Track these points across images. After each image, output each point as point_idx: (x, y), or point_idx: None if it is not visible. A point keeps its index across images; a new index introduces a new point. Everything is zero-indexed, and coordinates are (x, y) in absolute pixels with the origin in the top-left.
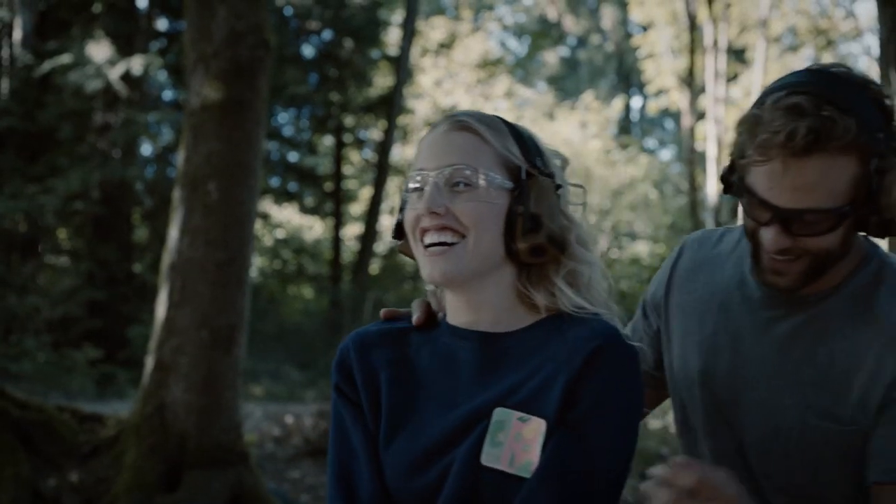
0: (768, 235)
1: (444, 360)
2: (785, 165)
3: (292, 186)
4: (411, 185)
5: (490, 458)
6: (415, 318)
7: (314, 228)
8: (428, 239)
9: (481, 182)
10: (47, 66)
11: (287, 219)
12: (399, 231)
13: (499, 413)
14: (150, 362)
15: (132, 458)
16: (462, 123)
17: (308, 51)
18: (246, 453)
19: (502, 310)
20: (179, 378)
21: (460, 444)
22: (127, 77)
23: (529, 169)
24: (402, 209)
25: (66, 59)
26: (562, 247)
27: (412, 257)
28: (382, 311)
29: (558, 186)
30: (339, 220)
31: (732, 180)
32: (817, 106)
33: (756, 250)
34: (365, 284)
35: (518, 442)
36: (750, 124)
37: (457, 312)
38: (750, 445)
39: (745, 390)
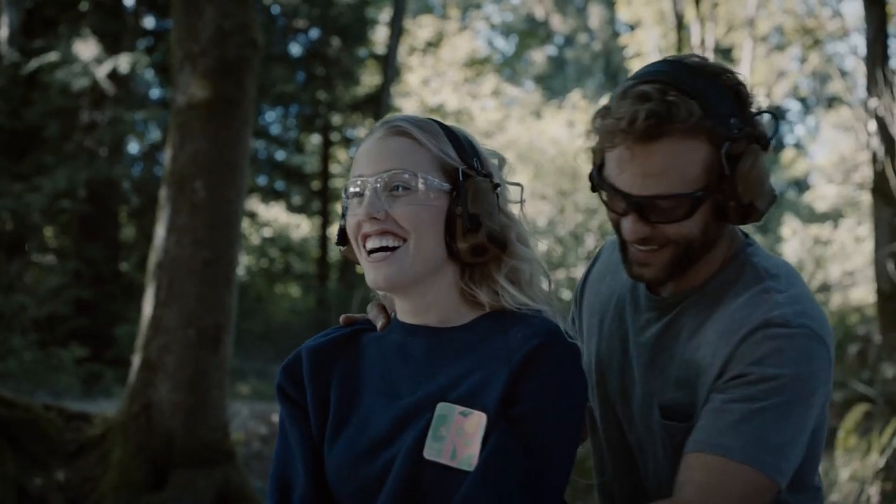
0: (627, 225)
1: (392, 356)
2: (631, 152)
3: (279, 185)
4: (351, 191)
5: (432, 451)
6: (379, 325)
7: (301, 227)
8: (370, 244)
9: (419, 185)
10: (34, 64)
11: (274, 217)
12: (343, 237)
13: (441, 408)
14: (136, 361)
15: (118, 457)
16: (397, 128)
17: (295, 49)
18: (233, 452)
19: (448, 309)
20: (166, 377)
21: (402, 436)
22: (114, 75)
23: (466, 170)
24: (343, 215)
25: (52, 57)
26: (502, 245)
27: (356, 262)
28: (342, 318)
29: (496, 185)
30: (326, 218)
31: (593, 175)
32: (662, 92)
33: (623, 244)
34: (352, 283)
35: (460, 436)
36: (600, 114)
37: (405, 313)
38: (635, 446)
39: (629, 392)
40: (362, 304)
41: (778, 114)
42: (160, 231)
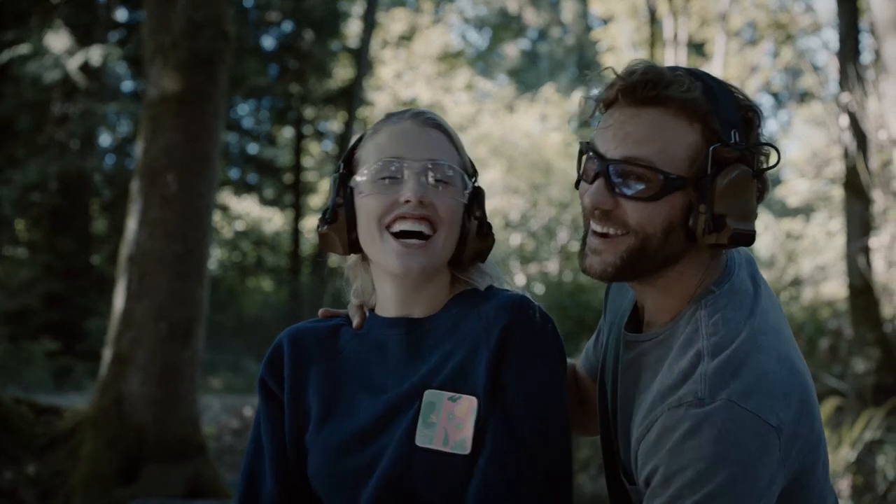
0: (589, 194)
1: (374, 350)
2: (621, 113)
3: (252, 178)
4: (380, 173)
5: (424, 438)
6: (355, 323)
7: (273, 220)
8: (401, 226)
9: (457, 181)
10: (5, 56)
11: (246, 211)
12: (335, 215)
13: (429, 395)
14: (107, 355)
15: (89, 451)
16: (434, 121)
17: (268, 42)
18: (204, 446)
19: (437, 301)
20: (137, 370)
21: (391, 427)
22: (86, 68)
23: (473, 175)
24: (339, 193)
25: (24, 49)
26: (492, 246)
27: (332, 244)
28: (320, 311)
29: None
30: (298, 212)
31: (579, 165)
32: (673, 69)
33: (584, 236)
34: (324, 277)
35: (451, 421)
36: (591, 95)
37: (388, 305)
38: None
39: (606, 424)
40: (335, 297)
41: (778, 152)
42: (131, 224)
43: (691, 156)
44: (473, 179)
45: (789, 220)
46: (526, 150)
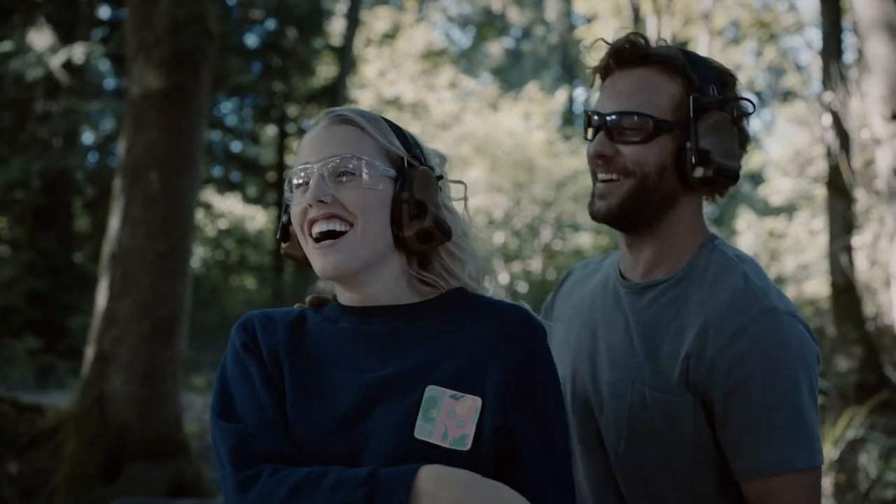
0: (592, 145)
1: (350, 334)
2: (613, 79)
3: (235, 176)
4: (295, 181)
5: (423, 432)
6: (308, 300)
7: (257, 218)
8: (317, 229)
9: (365, 171)
10: None
11: (229, 209)
12: (285, 234)
13: (431, 391)
14: (89, 353)
15: (72, 450)
16: (342, 117)
17: (251, 40)
18: (186, 444)
19: (396, 291)
20: (119, 369)
21: (377, 412)
22: (68, 65)
23: (410, 159)
24: (286, 210)
25: (6, 46)
26: (448, 232)
27: (298, 260)
28: (308, 298)
29: (439, 178)
30: (281, 210)
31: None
32: (655, 40)
33: (594, 184)
34: (307, 275)
35: (451, 418)
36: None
37: (350, 297)
38: (606, 433)
39: (599, 378)
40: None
41: (753, 105)
42: (114, 222)
43: (674, 104)
44: (406, 162)
45: (772, 219)
46: (509, 149)
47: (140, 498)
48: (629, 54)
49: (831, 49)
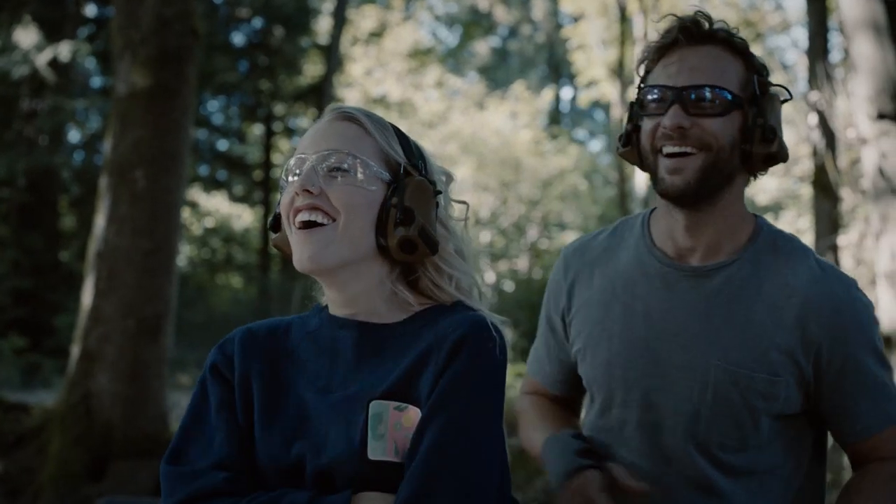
0: (668, 117)
1: (324, 349)
2: (680, 54)
3: (221, 175)
4: (289, 168)
5: (376, 451)
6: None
7: (243, 217)
8: (299, 218)
9: (358, 169)
10: None
11: (216, 207)
12: (276, 223)
13: (375, 406)
14: (75, 351)
15: (57, 448)
16: (346, 114)
17: (238, 39)
18: None
19: (377, 303)
20: (105, 367)
21: (334, 428)
22: (54, 63)
23: (408, 167)
24: (280, 202)
25: None
26: (433, 244)
27: (284, 252)
28: None
29: (437, 192)
30: (268, 208)
31: (632, 115)
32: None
33: (655, 165)
34: (294, 273)
35: (398, 431)
36: (652, 42)
37: (335, 304)
38: (675, 415)
39: (663, 359)
40: (304, 294)
41: (789, 93)
42: (100, 221)
43: (742, 81)
44: (403, 169)
45: None
46: (496, 148)
47: (126, 496)
48: (698, 31)
49: (817, 48)
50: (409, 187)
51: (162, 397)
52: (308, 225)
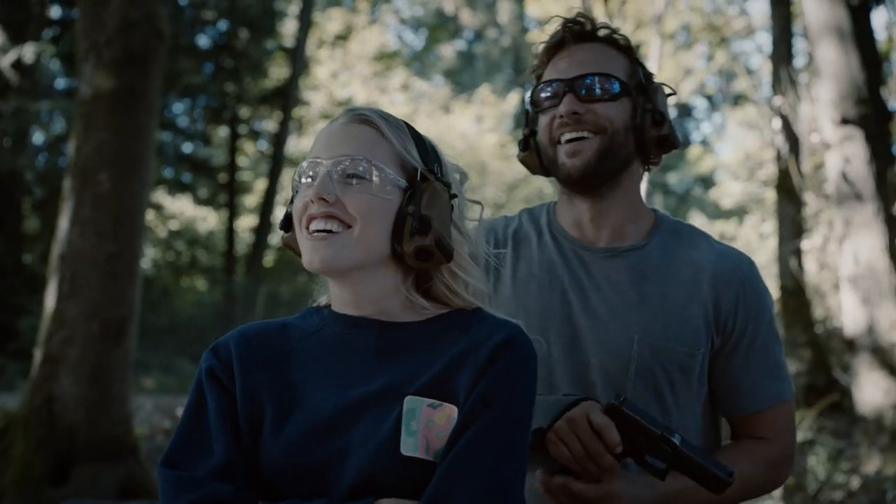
0: (563, 104)
1: (335, 347)
2: (569, 52)
3: (186, 177)
4: (304, 175)
5: (408, 447)
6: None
7: (208, 220)
8: (313, 226)
9: (375, 176)
10: None
11: (180, 210)
12: (287, 223)
13: (409, 401)
14: (38, 354)
15: (20, 452)
16: (362, 117)
17: (203, 41)
18: (136, 446)
19: (392, 306)
20: (68, 370)
21: (359, 425)
22: (18, 65)
23: (425, 172)
24: (293, 200)
25: None
26: (448, 253)
27: (296, 251)
28: None
29: (453, 196)
30: (233, 211)
31: (528, 120)
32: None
33: (554, 155)
34: (259, 277)
35: (430, 428)
36: (540, 44)
37: (344, 304)
38: (600, 389)
39: (583, 335)
40: (269, 297)
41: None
42: (63, 223)
43: (627, 72)
44: (420, 174)
45: (722, 222)
46: (462, 151)
47: (89, 500)
48: (582, 30)
49: (782, 53)
50: (425, 194)
51: (126, 400)
52: (322, 233)
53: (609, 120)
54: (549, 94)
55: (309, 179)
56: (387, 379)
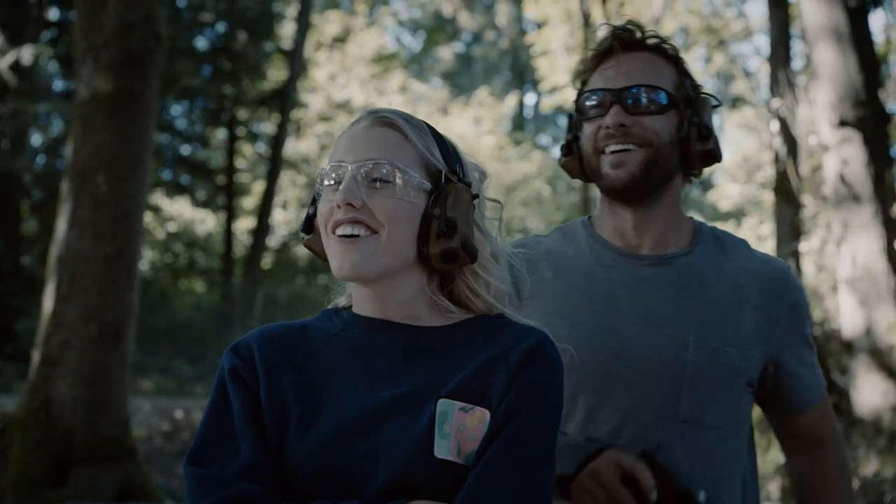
0: (610, 116)
1: (360, 350)
2: (617, 60)
3: (184, 179)
4: (327, 176)
5: (441, 450)
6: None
7: (206, 222)
8: (340, 231)
9: (399, 180)
10: None
11: (179, 212)
12: (309, 225)
13: (442, 404)
14: (36, 356)
15: (18, 454)
16: (385, 119)
17: (201, 43)
18: (134, 448)
19: (419, 309)
20: (66, 372)
21: (388, 425)
22: (16, 67)
23: (449, 174)
24: (313, 202)
25: None
26: (474, 255)
27: (318, 253)
28: None
29: (475, 196)
30: (231, 213)
31: (571, 126)
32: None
33: (598, 165)
34: (257, 279)
35: (462, 432)
36: (588, 52)
37: (368, 308)
38: (653, 390)
39: (634, 342)
40: (266, 300)
41: (718, 101)
42: (61, 225)
43: (675, 84)
44: (444, 177)
45: (721, 224)
46: None
47: (87, 502)
48: (631, 38)
49: (779, 56)
50: (450, 196)
51: (123, 402)
52: (350, 237)
53: (655, 133)
54: (594, 103)
55: (332, 183)
56: (416, 382)
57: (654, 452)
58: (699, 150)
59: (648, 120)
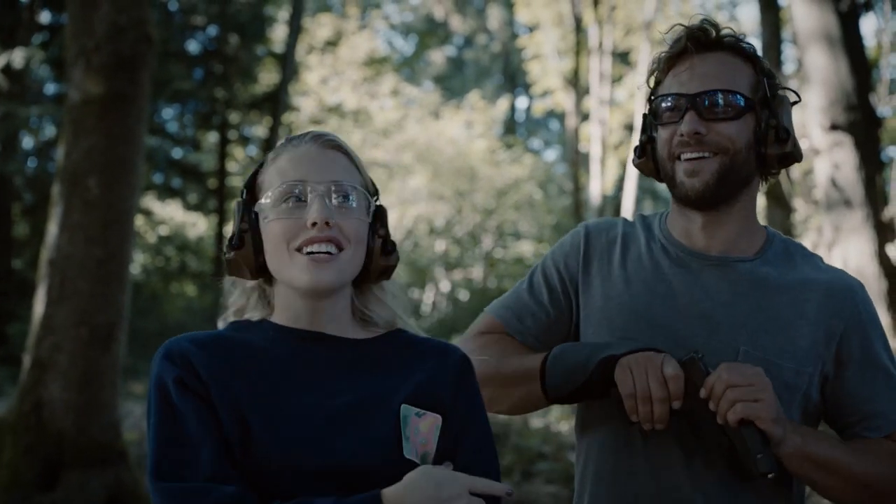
0: (685, 123)
1: (302, 359)
2: (691, 62)
3: (176, 183)
4: (284, 196)
5: (407, 451)
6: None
7: (197, 225)
8: (312, 248)
9: (355, 202)
10: None
11: (170, 215)
12: (241, 241)
13: (403, 409)
14: (27, 360)
15: (8, 457)
16: (336, 143)
17: (193, 46)
18: (125, 452)
19: (342, 323)
20: (57, 376)
21: (351, 430)
22: (8, 70)
23: (376, 194)
24: (242, 219)
25: None
26: (394, 269)
27: (241, 269)
28: None
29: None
30: (222, 217)
31: (646, 126)
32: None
33: (673, 171)
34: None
35: (416, 435)
36: (661, 53)
37: (299, 318)
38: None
39: (685, 339)
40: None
41: (798, 95)
42: (53, 228)
43: (752, 85)
44: (375, 199)
45: None
46: (451, 157)
47: None
48: (706, 38)
49: (771, 59)
50: (383, 216)
51: (115, 406)
52: (324, 254)
53: (731, 140)
54: (669, 107)
55: (293, 200)
56: (365, 391)
57: (700, 359)
58: (776, 153)
59: (724, 126)
